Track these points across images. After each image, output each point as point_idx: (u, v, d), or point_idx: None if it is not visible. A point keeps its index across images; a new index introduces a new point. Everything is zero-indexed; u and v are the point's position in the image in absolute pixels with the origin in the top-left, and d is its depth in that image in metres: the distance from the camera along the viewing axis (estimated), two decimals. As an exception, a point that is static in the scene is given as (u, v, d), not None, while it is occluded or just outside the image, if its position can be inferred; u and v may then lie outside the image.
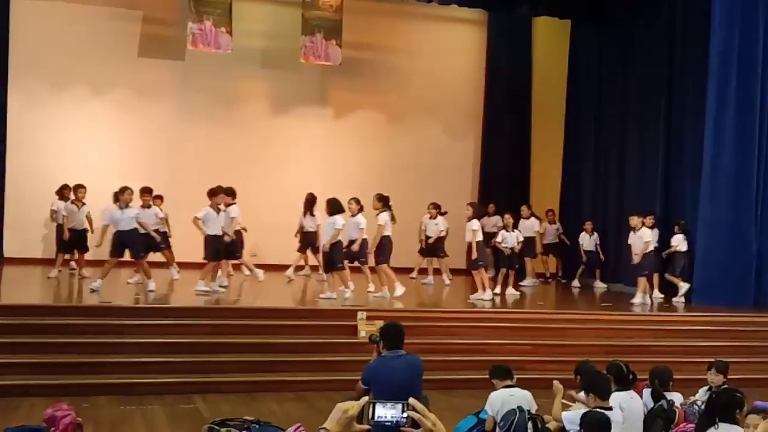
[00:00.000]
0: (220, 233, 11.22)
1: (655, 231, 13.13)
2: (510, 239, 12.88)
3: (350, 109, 16.33)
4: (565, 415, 5.69)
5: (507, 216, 13.29)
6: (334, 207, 11.06)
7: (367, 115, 16.41)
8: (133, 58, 14.95)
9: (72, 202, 12.48)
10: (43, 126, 14.46)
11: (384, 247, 11.39)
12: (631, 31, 15.31)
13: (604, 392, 5.67)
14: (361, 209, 11.38)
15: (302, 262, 13.60)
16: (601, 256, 14.84)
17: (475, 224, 11.83)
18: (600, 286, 14.86)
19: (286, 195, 14.48)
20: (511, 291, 12.82)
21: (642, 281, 12.51)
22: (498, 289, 12.52)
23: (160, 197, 12.66)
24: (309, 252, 13.12)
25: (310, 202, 12.47)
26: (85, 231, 12.55)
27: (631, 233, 12.75)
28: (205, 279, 11.03)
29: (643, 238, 12.56)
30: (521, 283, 13.93)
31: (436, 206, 13.52)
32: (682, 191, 13.92)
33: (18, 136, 14.29)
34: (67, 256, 12.72)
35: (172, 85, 15.29)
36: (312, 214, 12.51)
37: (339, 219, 10.98)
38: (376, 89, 16.35)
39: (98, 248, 11.73)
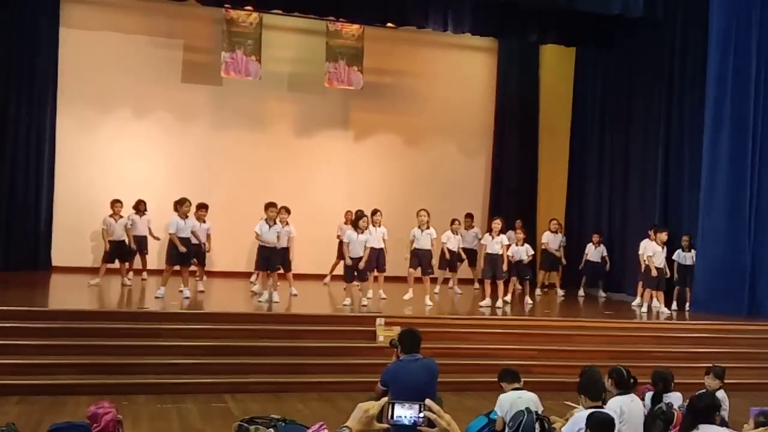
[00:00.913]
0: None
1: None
2: (519, 253, 12.85)
3: (371, 130, 16.37)
4: (572, 419, 5.61)
5: (518, 231, 13.26)
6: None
7: (387, 135, 16.44)
8: (172, 84, 15.07)
9: (110, 216, 12.57)
10: (90, 146, 14.59)
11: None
12: (632, 55, 15.25)
13: (595, 394, 5.62)
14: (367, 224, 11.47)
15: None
16: (607, 267, 14.70)
17: (505, 239, 12.12)
18: (602, 295, 14.78)
19: (313, 209, 14.54)
20: (527, 300, 12.76)
21: (649, 292, 12.51)
22: (509, 297, 12.47)
23: (204, 206, 12.48)
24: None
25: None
26: (123, 242, 12.61)
27: (653, 245, 12.60)
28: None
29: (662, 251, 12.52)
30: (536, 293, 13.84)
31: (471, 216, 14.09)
32: (681, 204, 13.84)
33: (67, 156, 14.40)
34: (110, 265, 12.76)
35: (208, 108, 15.39)
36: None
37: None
38: (395, 112, 16.38)
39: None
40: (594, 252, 14.68)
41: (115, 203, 12.62)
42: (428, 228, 11.93)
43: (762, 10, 12.63)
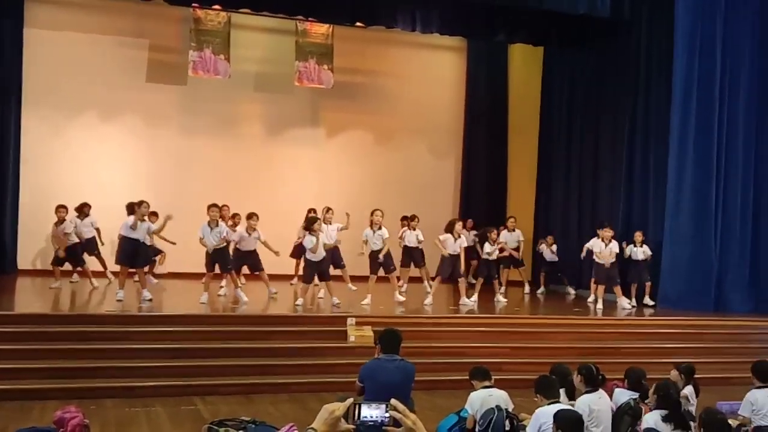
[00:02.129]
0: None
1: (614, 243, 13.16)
2: (492, 251, 12.94)
3: (341, 130, 16.35)
4: (534, 415, 5.62)
5: (492, 231, 13.34)
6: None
7: (357, 135, 16.43)
8: (139, 84, 14.91)
9: (62, 221, 12.41)
10: (55, 148, 14.38)
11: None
12: (599, 55, 15.40)
13: (551, 393, 5.67)
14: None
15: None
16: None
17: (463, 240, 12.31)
18: (570, 292, 14.96)
19: (283, 209, 14.46)
20: (498, 298, 12.82)
21: (618, 288, 12.73)
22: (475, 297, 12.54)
23: (155, 214, 12.48)
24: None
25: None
26: (77, 245, 12.49)
27: (598, 242, 12.81)
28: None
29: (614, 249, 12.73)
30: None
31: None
32: (646, 203, 14.00)
33: (32, 158, 14.19)
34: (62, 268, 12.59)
35: (176, 108, 15.25)
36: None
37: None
38: (365, 111, 16.37)
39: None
40: (548, 252, 14.93)
41: (60, 208, 12.47)
42: (380, 229, 11.86)
43: (726, 11, 12.82)
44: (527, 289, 14.96)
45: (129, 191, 13.26)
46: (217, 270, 11.44)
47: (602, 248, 12.74)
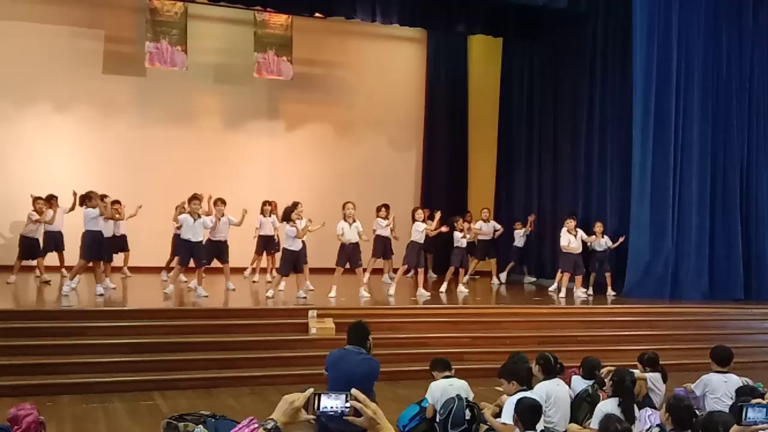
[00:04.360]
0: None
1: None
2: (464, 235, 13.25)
3: (300, 122, 16.28)
4: (506, 405, 5.64)
5: (458, 219, 13.47)
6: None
7: (317, 127, 16.37)
8: (94, 75, 14.67)
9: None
10: (7, 140, 14.09)
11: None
12: (558, 46, 15.57)
13: (522, 379, 5.75)
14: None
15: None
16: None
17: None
18: (529, 280, 15.14)
19: (240, 203, 14.33)
20: (460, 288, 12.94)
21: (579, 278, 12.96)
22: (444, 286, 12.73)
23: (119, 201, 12.56)
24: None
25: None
26: (36, 239, 12.35)
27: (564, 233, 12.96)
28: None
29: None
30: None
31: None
32: (603, 192, 14.20)
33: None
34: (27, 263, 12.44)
35: (132, 100, 15.04)
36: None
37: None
38: (325, 103, 16.32)
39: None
40: (519, 238, 15.03)
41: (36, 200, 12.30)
42: (355, 221, 11.76)
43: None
44: (495, 280, 15.05)
45: (84, 184, 13.00)
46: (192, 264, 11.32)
47: (571, 240, 12.85)
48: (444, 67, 17.48)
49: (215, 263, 11.86)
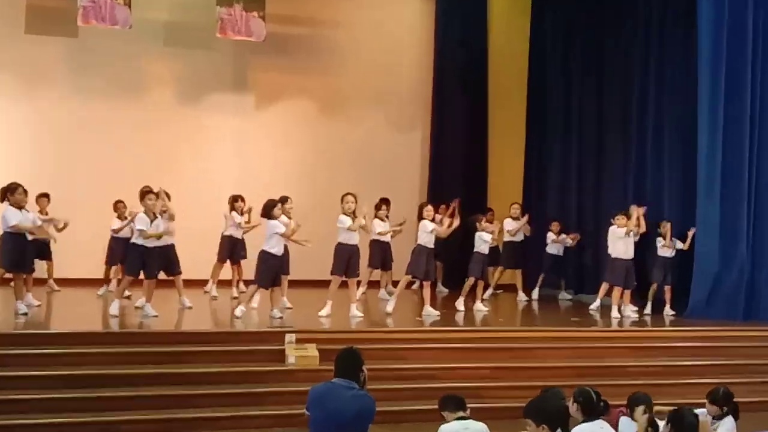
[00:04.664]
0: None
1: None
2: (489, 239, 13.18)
3: (276, 96, 16.30)
4: None
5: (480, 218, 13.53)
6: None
7: (296, 102, 16.40)
8: (17, 36, 14.70)
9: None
10: None
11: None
12: (603, 1, 15.60)
13: (556, 420, 5.77)
14: None
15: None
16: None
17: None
18: (565, 297, 15.23)
19: (200, 198, 14.42)
20: (477, 306, 13.01)
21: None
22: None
23: (46, 195, 12.68)
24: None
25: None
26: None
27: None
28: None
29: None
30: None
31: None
32: (661, 187, 14.24)
33: None
34: None
35: (64, 67, 15.08)
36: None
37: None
38: (306, 71, 16.32)
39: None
40: (553, 244, 15.20)
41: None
42: (356, 218, 11.74)
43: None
44: (522, 296, 15.13)
45: (3, 170, 13.09)
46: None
47: (619, 244, 12.90)
48: (458, 27, 17.49)
49: (162, 275, 11.88)
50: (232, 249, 13.28)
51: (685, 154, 13.63)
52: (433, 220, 12.54)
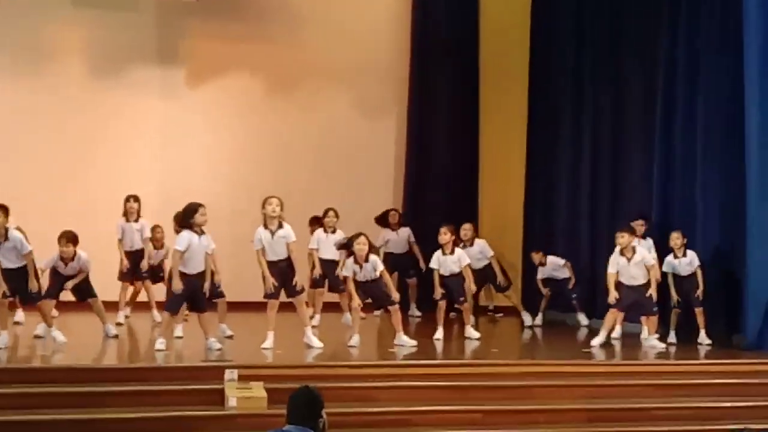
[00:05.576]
0: None
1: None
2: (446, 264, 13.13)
3: (214, 71, 16.32)
4: None
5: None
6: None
7: (240, 80, 16.43)
8: None
9: None
10: None
11: None
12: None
13: None
14: None
15: None
16: (571, 284, 15.39)
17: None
18: (582, 322, 15.30)
19: (114, 199, 14.27)
20: (468, 332, 13.11)
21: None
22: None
23: None
24: None
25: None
26: None
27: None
28: None
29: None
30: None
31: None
32: (692, 187, 14.29)
33: None
34: None
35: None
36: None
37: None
38: (254, 41, 16.35)
39: None
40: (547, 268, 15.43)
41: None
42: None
43: None
44: (529, 320, 15.30)
45: None
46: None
47: (621, 263, 12.96)
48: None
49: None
50: (135, 265, 13.46)
51: (728, 150, 13.51)
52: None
